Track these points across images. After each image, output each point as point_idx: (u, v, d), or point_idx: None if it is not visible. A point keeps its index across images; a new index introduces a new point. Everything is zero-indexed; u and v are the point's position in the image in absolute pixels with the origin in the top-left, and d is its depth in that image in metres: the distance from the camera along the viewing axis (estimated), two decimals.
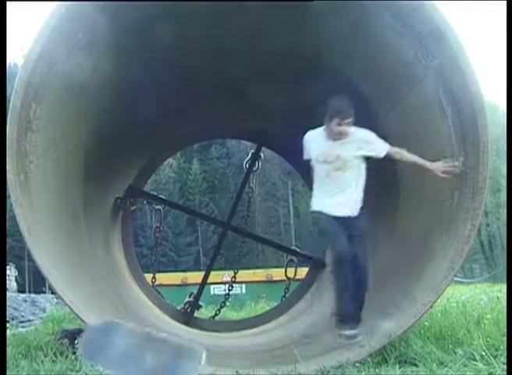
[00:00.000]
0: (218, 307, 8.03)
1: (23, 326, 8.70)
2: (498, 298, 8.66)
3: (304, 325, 6.07)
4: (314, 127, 4.53)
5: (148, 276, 7.77)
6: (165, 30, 4.74)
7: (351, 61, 5.01)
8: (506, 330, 4.08)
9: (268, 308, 9.52)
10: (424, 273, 4.19)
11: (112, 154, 5.99)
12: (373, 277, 5.47)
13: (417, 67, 4.37)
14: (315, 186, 4.37)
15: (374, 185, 6.04)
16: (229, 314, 10.48)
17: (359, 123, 5.56)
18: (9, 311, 9.92)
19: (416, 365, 3.62)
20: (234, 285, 8.28)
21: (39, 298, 14.68)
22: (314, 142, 4.39)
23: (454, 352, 3.80)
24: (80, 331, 4.54)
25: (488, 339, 4.12)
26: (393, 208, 5.36)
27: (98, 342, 2.53)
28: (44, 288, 24.20)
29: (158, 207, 7.61)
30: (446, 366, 3.51)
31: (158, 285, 7.82)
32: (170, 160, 50.40)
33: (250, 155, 7.84)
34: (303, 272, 8.13)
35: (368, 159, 4.39)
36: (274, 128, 7.34)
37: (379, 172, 5.68)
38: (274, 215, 59.07)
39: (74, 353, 3.90)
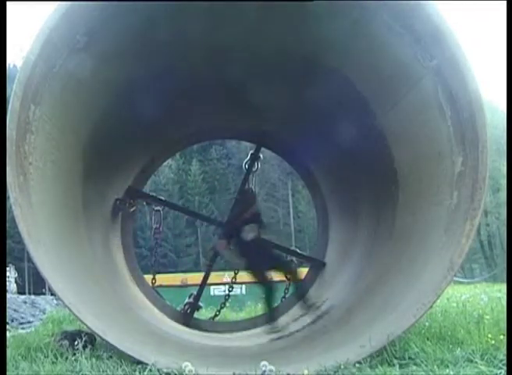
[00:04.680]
0: (218, 308, 8.03)
1: (22, 328, 8.70)
2: (498, 298, 8.67)
3: (304, 325, 6.07)
4: (313, 127, 4.54)
5: (148, 277, 7.77)
6: (164, 30, 4.74)
7: (350, 61, 5.01)
8: (506, 330, 4.08)
9: None
10: (424, 272, 4.18)
11: (111, 155, 5.99)
12: (373, 277, 5.49)
13: (416, 67, 4.37)
14: None
15: (373, 185, 6.08)
16: (229, 315, 10.47)
17: (358, 123, 5.59)
18: (9, 312, 9.92)
19: (416, 365, 3.62)
20: (234, 286, 8.27)
21: (39, 299, 14.68)
22: None
23: (454, 352, 3.80)
24: (79, 333, 4.54)
25: (488, 339, 4.13)
26: (393, 208, 5.36)
27: None
28: (43, 290, 24.19)
29: (158, 208, 7.60)
30: (446, 366, 3.52)
31: (157, 286, 7.81)
32: (170, 161, 50.36)
33: (249, 155, 7.85)
34: (303, 272, 8.13)
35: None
36: (273, 129, 7.35)
37: (379, 172, 5.71)
38: (274, 215, 58.98)
39: (74, 354, 3.90)
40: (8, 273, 20.77)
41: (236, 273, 8.16)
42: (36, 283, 35.01)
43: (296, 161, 8.33)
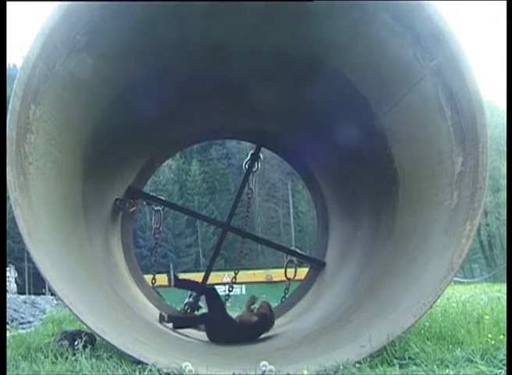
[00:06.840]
0: None
1: (22, 328, 8.72)
2: (498, 298, 8.67)
3: (303, 325, 6.07)
4: (313, 127, 4.54)
5: (148, 277, 7.77)
6: (165, 30, 4.74)
7: (350, 61, 5.01)
8: (506, 330, 4.08)
9: None
10: (425, 272, 4.18)
11: (111, 155, 5.99)
12: (373, 277, 5.49)
13: (417, 67, 4.37)
14: None
15: (374, 185, 6.08)
16: None
17: (358, 123, 5.59)
18: (9, 312, 9.93)
19: (416, 365, 3.62)
20: (234, 286, 8.28)
21: (39, 299, 14.71)
22: None
23: (454, 352, 3.79)
24: (79, 333, 4.54)
25: (488, 339, 4.13)
26: (393, 208, 5.36)
27: None
28: (43, 290, 24.22)
29: (158, 208, 7.60)
30: (446, 366, 3.51)
31: (157, 286, 7.81)
32: (169, 161, 50.39)
33: (249, 155, 7.85)
34: (303, 272, 8.13)
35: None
36: (273, 129, 7.35)
37: (379, 172, 5.71)
38: (274, 215, 59.05)
39: (74, 354, 3.89)
40: (8, 273, 20.76)
41: (236, 273, 8.17)
42: (36, 284, 35.02)
43: (296, 161, 8.34)
